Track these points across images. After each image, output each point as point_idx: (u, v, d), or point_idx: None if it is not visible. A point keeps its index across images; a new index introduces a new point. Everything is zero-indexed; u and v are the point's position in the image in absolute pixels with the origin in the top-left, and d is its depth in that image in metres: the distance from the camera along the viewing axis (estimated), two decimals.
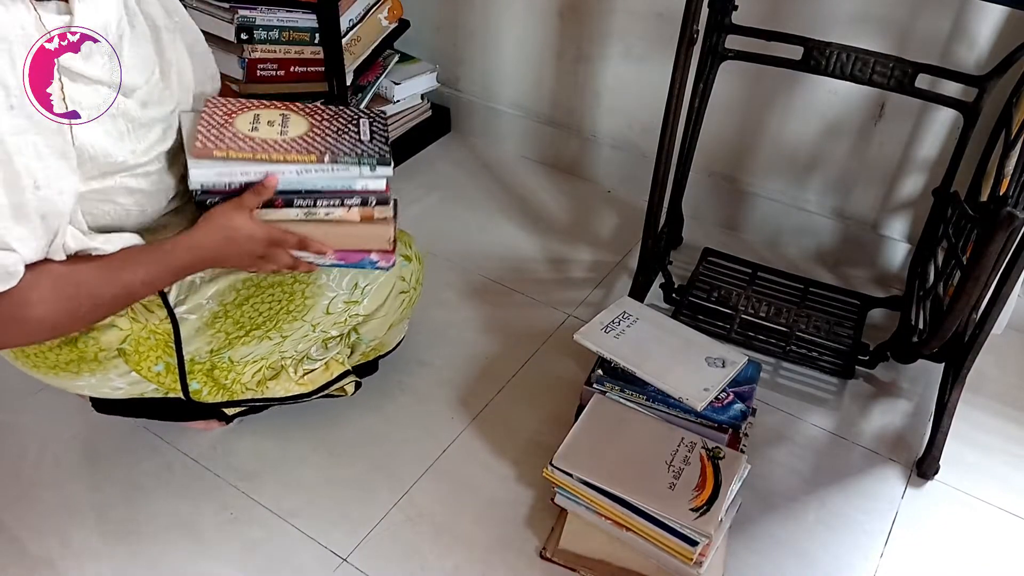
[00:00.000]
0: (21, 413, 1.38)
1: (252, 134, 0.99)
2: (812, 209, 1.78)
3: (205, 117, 1.02)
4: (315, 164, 0.98)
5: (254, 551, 1.20)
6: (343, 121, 1.06)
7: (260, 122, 1.02)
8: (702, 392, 1.24)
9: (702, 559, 1.11)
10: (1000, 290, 1.24)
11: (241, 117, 1.02)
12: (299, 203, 1.00)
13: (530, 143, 2.07)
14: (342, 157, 0.98)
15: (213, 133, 0.99)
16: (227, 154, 0.96)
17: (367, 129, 1.06)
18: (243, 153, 0.96)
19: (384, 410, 1.41)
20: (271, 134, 1.00)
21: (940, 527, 1.29)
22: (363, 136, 1.04)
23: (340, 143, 1.01)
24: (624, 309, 1.40)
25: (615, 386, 1.29)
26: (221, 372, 1.17)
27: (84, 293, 0.94)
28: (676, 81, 1.34)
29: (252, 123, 1.02)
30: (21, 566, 1.17)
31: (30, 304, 0.89)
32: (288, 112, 1.05)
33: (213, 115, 1.02)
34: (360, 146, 1.01)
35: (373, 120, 1.08)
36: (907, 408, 1.48)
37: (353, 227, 1.03)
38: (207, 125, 1.00)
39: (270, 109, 1.05)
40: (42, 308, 0.90)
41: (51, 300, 0.91)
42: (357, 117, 1.08)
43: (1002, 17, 1.41)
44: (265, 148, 0.98)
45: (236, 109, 1.04)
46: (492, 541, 1.23)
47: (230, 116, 1.03)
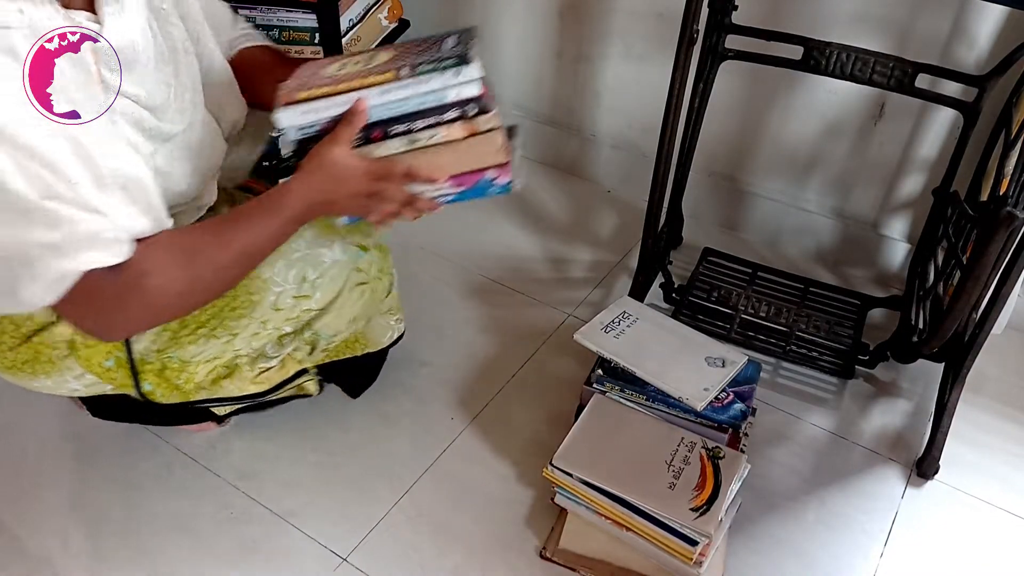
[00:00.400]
0: (21, 413, 1.38)
1: (336, 73, 0.95)
2: (812, 209, 1.78)
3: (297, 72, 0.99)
4: (393, 82, 0.91)
5: (254, 551, 1.20)
6: (429, 42, 0.99)
7: (347, 63, 0.98)
8: (702, 392, 1.24)
9: (702, 559, 1.11)
10: (1000, 290, 1.24)
11: (331, 66, 0.99)
12: (396, 131, 0.94)
13: (530, 143, 2.07)
14: (420, 68, 0.91)
15: (301, 82, 0.96)
16: (309, 94, 0.93)
17: (452, 41, 0.97)
18: (324, 89, 0.92)
19: (384, 410, 1.41)
20: (354, 69, 0.95)
21: (940, 527, 1.29)
22: (444, 48, 0.95)
23: (420, 58, 0.93)
24: (624, 309, 1.40)
25: (615, 386, 1.29)
26: (172, 372, 1.13)
27: (202, 259, 0.94)
28: (676, 81, 1.34)
29: (339, 67, 0.98)
30: (21, 566, 1.17)
31: (146, 274, 0.89)
32: (376, 51, 1.00)
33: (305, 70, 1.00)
34: (440, 54, 0.93)
35: (460, 33, 1.00)
36: (907, 408, 1.48)
37: (459, 145, 0.95)
38: (297, 78, 0.97)
39: (359, 53, 1.01)
40: (160, 278, 0.90)
41: (167, 268, 0.91)
42: (444, 35, 1.00)
43: (1002, 17, 1.41)
44: (345, 80, 0.92)
45: (328, 61, 1.01)
46: (492, 541, 1.23)
47: (321, 66, 0.99)
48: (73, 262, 0.85)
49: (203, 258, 0.95)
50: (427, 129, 0.93)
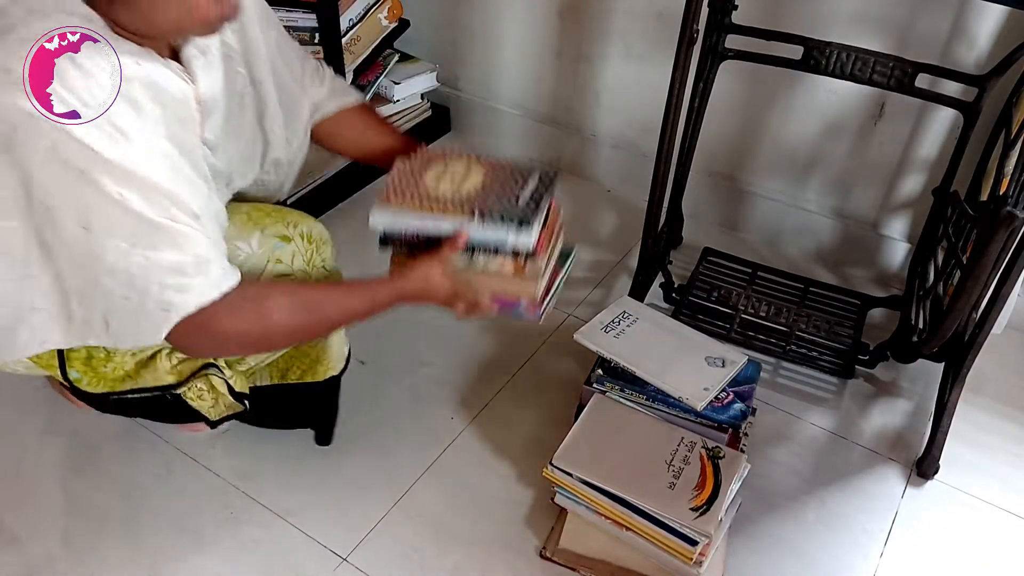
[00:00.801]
0: (21, 413, 1.38)
1: (431, 188, 1.13)
2: (812, 209, 1.78)
3: (403, 165, 1.17)
4: (467, 222, 1.10)
5: (254, 550, 1.20)
6: (514, 179, 1.17)
7: (445, 174, 1.16)
8: (702, 392, 1.24)
9: (702, 559, 1.11)
10: (1000, 290, 1.24)
11: (432, 170, 1.17)
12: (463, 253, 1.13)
13: (530, 143, 2.07)
14: (490, 217, 1.09)
15: (401, 183, 1.14)
16: (403, 205, 1.11)
17: (529, 190, 1.15)
18: (412, 205, 1.11)
19: (384, 410, 1.41)
20: (447, 188, 1.13)
21: (940, 527, 1.29)
22: (522, 198, 1.14)
23: (497, 202, 1.12)
24: (624, 309, 1.40)
25: (615, 386, 1.29)
26: (99, 362, 1.13)
27: (317, 312, 1.07)
28: (676, 81, 1.34)
29: (438, 175, 1.16)
30: (21, 565, 1.17)
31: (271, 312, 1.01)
32: (472, 165, 1.18)
33: (410, 163, 1.18)
34: (511, 207, 1.11)
35: (541, 180, 1.18)
36: (907, 408, 1.48)
37: (507, 276, 1.15)
38: (400, 173, 1.16)
39: (458, 160, 1.19)
40: (279, 315, 1.02)
41: (288, 310, 1.03)
42: (528, 175, 1.18)
43: (1002, 17, 1.41)
44: (433, 203, 1.11)
45: (431, 159, 1.19)
46: (492, 540, 1.23)
47: (423, 166, 1.17)
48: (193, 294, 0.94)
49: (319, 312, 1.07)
50: (488, 256, 1.13)
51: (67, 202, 0.87)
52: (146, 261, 0.90)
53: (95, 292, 0.93)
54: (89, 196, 0.87)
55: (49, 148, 0.85)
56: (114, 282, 0.92)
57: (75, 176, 0.86)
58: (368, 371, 1.47)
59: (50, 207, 0.88)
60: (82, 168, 0.85)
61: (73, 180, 0.86)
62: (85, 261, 0.91)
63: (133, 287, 0.92)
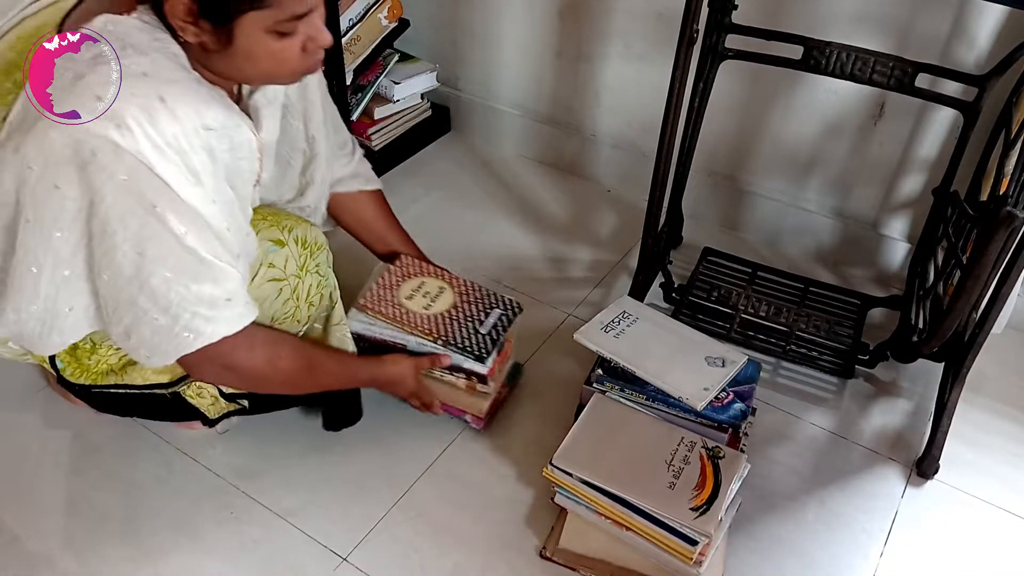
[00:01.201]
0: (21, 413, 1.38)
1: (405, 302, 1.31)
2: (812, 208, 1.78)
3: (385, 275, 1.34)
4: (431, 343, 1.27)
5: (254, 550, 1.20)
6: (479, 307, 1.34)
7: (419, 291, 1.34)
8: (702, 391, 1.24)
9: (702, 558, 1.11)
10: (1000, 289, 1.24)
11: (408, 284, 1.35)
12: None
13: (530, 142, 2.07)
14: (452, 344, 1.27)
15: (379, 293, 1.31)
16: (376, 315, 1.28)
17: (491, 323, 1.32)
18: (385, 318, 1.28)
19: (384, 409, 1.41)
20: (418, 307, 1.31)
21: (940, 526, 1.29)
22: (483, 329, 1.30)
23: (460, 330, 1.29)
24: (624, 308, 1.40)
25: (615, 385, 1.29)
26: (83, 353, 1.16)
27: (314, 370, 1.18)
28: (676, 80, 1.34)
29: (412, 291, 1.34)
30: (21, 565, 1.17)
31: (280, 358, 1.11)
32: (445, 286, 1.36)
33: (391, 274, 1.35)
34: (472, 338, 1.28)
35: (503, 314, 1.34)
36: (907, 407, 1.48)
37: (458, 392, 1.33)
38: (380, 284, 1.33)
39: (434, 279, 1.37)
40: (286, 363, 1.12)
41: (293, 360, 1.13)
42: (492, 307, 1.34)
43: (1002, 16, 1.41)
44: (404, 319, 1.28)
45: (410, 273, 1.36)
46: (492, 540, 1.23)
47: (402, 279, 1.35)
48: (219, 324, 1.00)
49: (318, 369, 1.18)
50: (445, 371, 1.31)
51: (129, 228, 0.92)
52: (186, 291, 0.96)
53: (128, 308, 0.98)
54: (153, 227, 0.92)
55: (126, 180, 0.89)
56: (151, 304, 0.96)
57: (145, 209, 0.91)
58: None
59: (111, 231, 0.92)
60: (154, 203, 0.91)
61: (142, 212, 0.91)
62: (129, 281, 0.95)
63: (167, 311, 0.97)
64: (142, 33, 0.91)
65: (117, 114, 0.87)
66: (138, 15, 0.92)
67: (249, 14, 0.89)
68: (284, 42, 0.94)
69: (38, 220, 0.93)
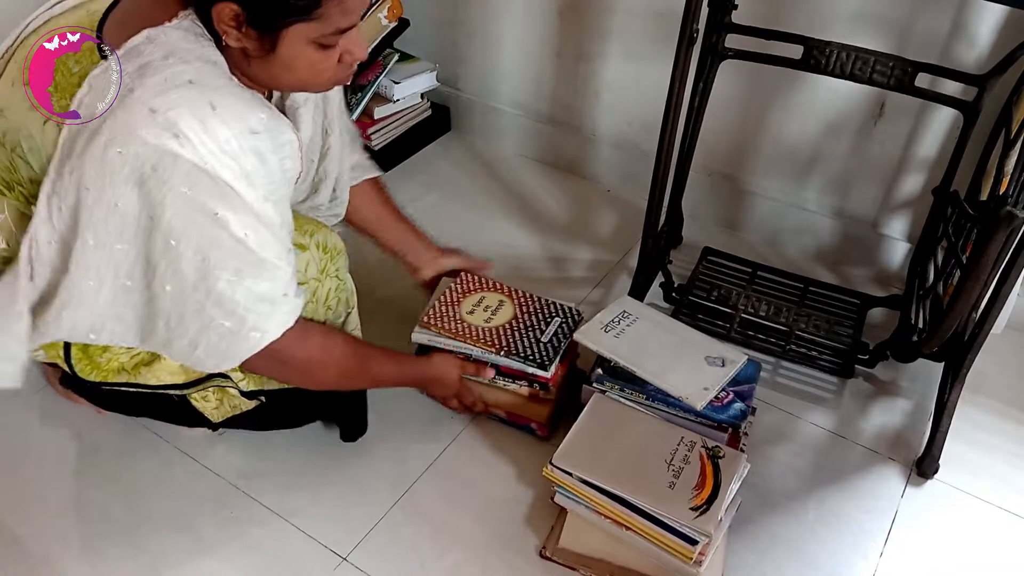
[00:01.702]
0: (21, 413, 1.38)
1: (467, 317, 1.35)
2: (812, 208, 1.78)
3: (447, 292, 1.39)
4: (494, 354, 1.30)
5: (254, 550, 1.20)
6: (539, 317, 1.37)
7: (480, 306, 1.38)
8: (702, 391, 1.24)
9: (702, 558, 1.11)
10: (1000, 289, 1.24)
11: (469, 299, 1.39)
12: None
13: (530, 142, 2.07)
14: (513, 354, 1.29)
15: (441, 310, 1.36)
16: (439, 331, 1.33)
17: (552, 332, 1.34)
18: (448, 333, 1.32)
19: (384, 409, 1.41)
20: (479, 320, 1.35)
21: (939, 526, 1.29)
22: (544, 338, 1.33)
23: (521, 340, 1.32)
24: (624, 308, 1.40)
25: (615, 385, 1.29)
26: (96, 350, 1.16)
27: (365, 362, 1.22)
28: (676, 80, 1.34)
29: (473, 305, 1.38)
30: (21, 565, 1.17)
31: (334, 347, 1.15)
32: (505, 300, 1.40)
33: (453, 291, 1.40)
34: (534, 347, 1.31)
35: (564, 321, 1.37)
36: (907, 407, 1.48)
37: (521, 399, 1.34)
38: (442, 301, 1.37)
39: (495, 293, 1.41)
40: (340, 352, 1.16)
41: (346, 351, 1.17)
42: (552, 317, 1.37)
43: (1002, 16, 1.41)
44: (465, 333, 1.32)
45: (470, 289, 1.41)
46: (492, 540, 1.23)
47: (463, 295, 1.39)
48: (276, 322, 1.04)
49: (368, 367, 1.23)
50: (508, 380, 1.33)
51: (191, 238, 0.94)
52: (248, 292, 0.99)
53: (195, 317, 0.99)
54: (215, 233, 0.94)
55: (186, 191, 0.91)
56: (217, 309, 0.98)
57: (207, 219, 0.93)
58: None
59: (174, 242, 0.93)
60: (215, 210, 0.93)
61: (203, 220, 0.93)
62: (195, 287, 0.96)
63: (234, 314, 0.99)
64: (184, 41, 0.92)
65: (172, 124, 0.88)
66: (178, 21, 0.92)
67: (296, 26, 0.91)
68: (324, 53, 0.95)
69: (97, 240, 0.93)
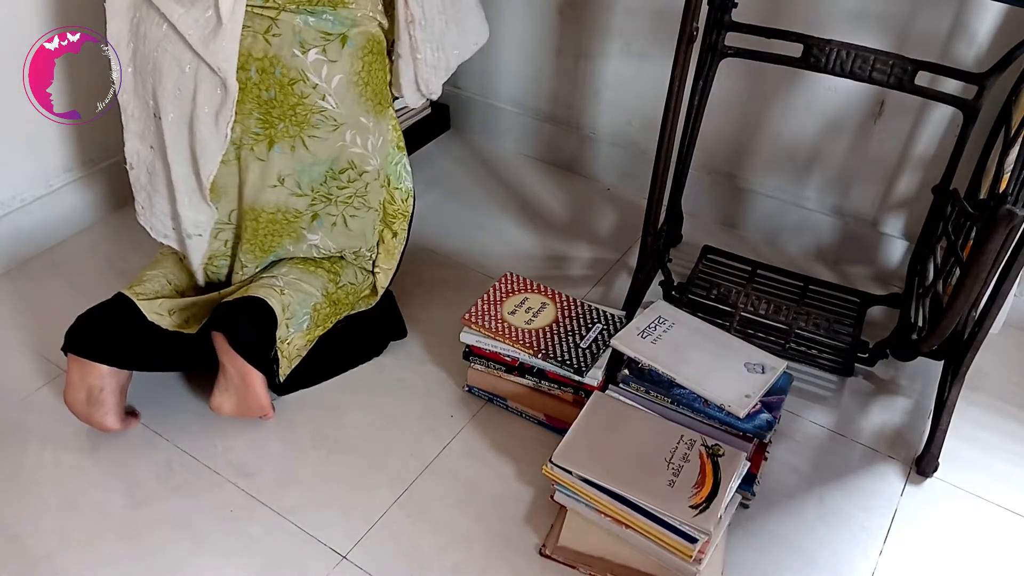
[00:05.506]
0: (21, 412, 1.38)
1: (508, 317, 1.38)
2: (811, 207, 1.78)
3: (491, 291, 1.43)
4: (530, 356, 1.33)
5: (254, 548, 1.21)
6: (580, 323, 1.39)
7: (522, 307, 1.41)
8: (743, 398, 1.23)
9: (701, 556, 1.11)
10: (999, 288, 1.24)
11: (511, 299, 1.42)
12: (529, 375, 1.36)
13: (529, 140, 2.07)
14: (551, 357, 1.32)
15: (483, 308, 1.39)
16: (480, 330, 1.36)
17: (592, 337, 1.36)
18: (488, 332, 1.36)
19: (384, 407, 1.41)
20: (520, 321, 1.38)
21: (939, 524, 1.29)
22: (584, 343, 1.35)
23: (560, 344, 1.34)
24: (660, 314, 1.39)
25: (641, 387, 1.28)
26: (281, 345, 1.32)
27: None
28: (676, 78, 1.34)
29: (516, 306, 1.41)
30: (21, 563, 1.17)
31: None
32: (548, 302, 1.42)
33: (497, 291, 1.43)
34: (572, 352, 1.33)
35: (605, 328, 1.38)
36: (906, 405, 1.48)
37: (565, 405, 1.36)
38: (485, 300, 1.41)
39: (538, 295, 1.44)
40: None
41: None
42: (593, 323, 1.39)
43: (1002, 14, 1.41)
44: (505, 333, 1.35)
45: (514, 290, 1.44)
46: (492, 538, 1.23)
47: (506, 295, 1.43)
48: None
49: None
50: (550, 383, 1.35)
51: None
52: None
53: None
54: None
55: None
56: None
57: None
58: (369, 369, 1.48)
59: None
60: None
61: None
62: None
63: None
64: None
65: None
66: None
67: None
68: None
69: None
